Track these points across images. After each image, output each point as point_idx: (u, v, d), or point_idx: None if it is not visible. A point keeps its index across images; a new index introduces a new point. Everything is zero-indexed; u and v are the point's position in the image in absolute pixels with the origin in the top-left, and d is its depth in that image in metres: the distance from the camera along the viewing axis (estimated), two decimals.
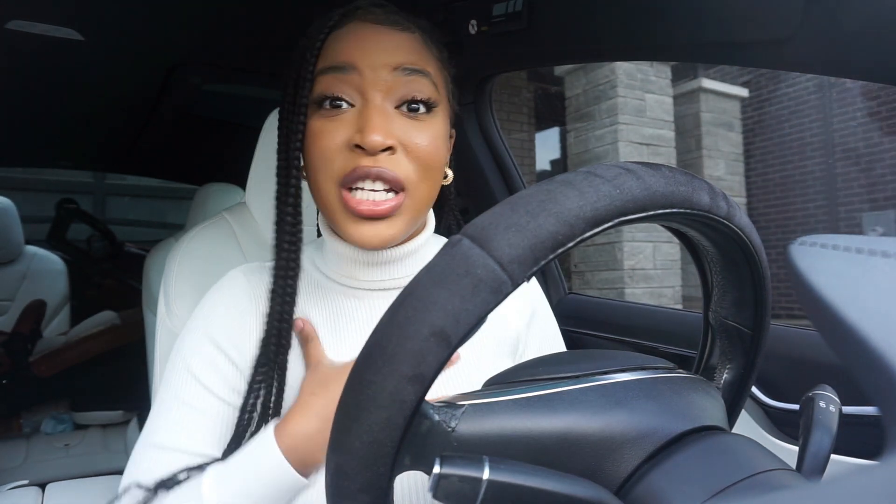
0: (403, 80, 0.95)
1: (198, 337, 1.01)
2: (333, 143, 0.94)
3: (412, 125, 0.96)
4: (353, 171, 0.93)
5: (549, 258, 0.51)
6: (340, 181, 0.94)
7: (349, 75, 0.94)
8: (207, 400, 0.97)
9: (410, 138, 0.95)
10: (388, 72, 0.94)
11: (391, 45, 0.96)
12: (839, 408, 0.68)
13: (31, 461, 3.02)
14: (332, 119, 0.95)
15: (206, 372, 0.98)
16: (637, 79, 6.88)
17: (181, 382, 0.98)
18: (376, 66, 0.94)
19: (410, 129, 0.95)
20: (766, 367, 1.28)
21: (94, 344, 3.59)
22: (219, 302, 1.04)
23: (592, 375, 0.62)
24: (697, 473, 0.55)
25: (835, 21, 0.93)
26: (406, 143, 0.95)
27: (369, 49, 0.95)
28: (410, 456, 0.54)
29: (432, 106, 0.98)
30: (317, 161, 0.96)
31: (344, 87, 0.95)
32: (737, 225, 0.63)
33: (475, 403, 0.58)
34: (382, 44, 0.96)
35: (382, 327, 0.51)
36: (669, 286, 6.92)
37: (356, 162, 0.93)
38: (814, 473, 0.64)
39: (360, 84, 0.94)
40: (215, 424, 0.97)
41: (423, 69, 0.97)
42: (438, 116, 1.00)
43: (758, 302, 0.72)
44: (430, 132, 0.97)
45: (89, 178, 5.96)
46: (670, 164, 0.56)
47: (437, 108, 0.99)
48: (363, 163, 0.92)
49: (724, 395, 0.78)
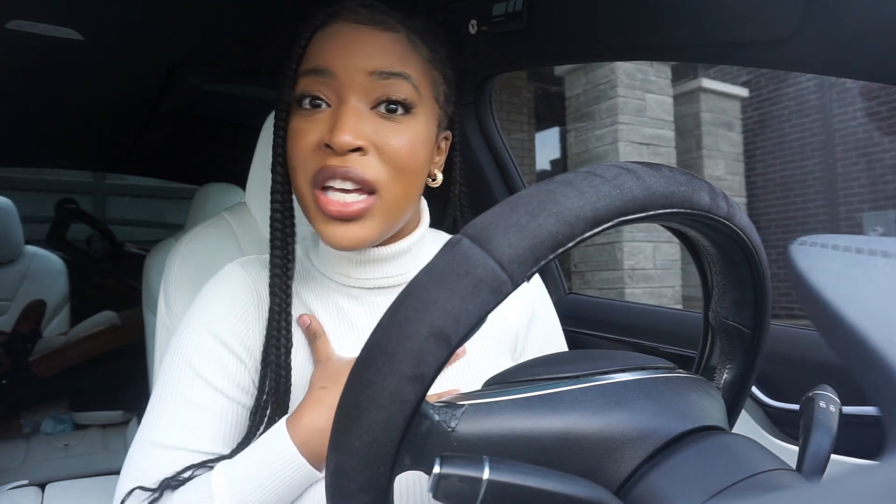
0: (380, 83, 0.95)
1: (197, 332, 1.01)
2: (308, 143, 0.95)
3: (388, 126, 0.96)
4: (321, 170, 0.93)
5: (550, 258, 0.51)
6: (311, 181, 0.95)
7: (326, 78, 0.95)
8: (210, 396, 0.97)
9: (384, 139, 0.95)
10: (364, 76, 0.95)
11: (370, 47, 0.96)
12: (839, 408, 0.68)
13: (30, 461, 3.02)
14: (309, 119, 0.96)
15: (208, 367, 0.98)
16: (637, 79, 6.88)
17: (181, 378, 0.98)
18: (351, 69, 0.94)
19: (385, 130, 0.96)
20: (766, 367, 1.28)
21: (93, 344, 3.59)
22: (217, 296, 1.05)
23: (592, 375, 0.62)
24: (697, 473, 0.55)
25: (835, 21, 0.93)
26: (379, 144, 0.95)
27: (347, 53, 0.95)
28: (410, 456, 0.54)
29: (411, 107, 0.98)
30: (294, 160, 0.98)
31: (321, 88, 0.96)
32: (737, 225, 0.63)
33: (475, 403, 0.58)
34: (361, 47, 0.96)
35: (382, 327, 0.51)
36: (669, 286, 6.92)
37: (325, 161, 0.93)
38: (814, 473, 0.64)
39: (337, 86, 0.95)
40: (218, 421, 0.97)
41: (402, 72, 0.96)
42: (419, 118, 0.99)
43: (758, 302, 0.72)
44: (408, 134, 0.97)
45: (89, 177, 5.96)
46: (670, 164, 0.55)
47: (418, 110, 0.99)
48: (331, 162, 0.93)
49: (724, 394, 0.78)
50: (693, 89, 7.97)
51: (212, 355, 0.99)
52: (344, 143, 0.90)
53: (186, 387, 0.97)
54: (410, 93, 0.97)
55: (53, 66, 2.14)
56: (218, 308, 1.03)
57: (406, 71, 0.97)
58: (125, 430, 3.26)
